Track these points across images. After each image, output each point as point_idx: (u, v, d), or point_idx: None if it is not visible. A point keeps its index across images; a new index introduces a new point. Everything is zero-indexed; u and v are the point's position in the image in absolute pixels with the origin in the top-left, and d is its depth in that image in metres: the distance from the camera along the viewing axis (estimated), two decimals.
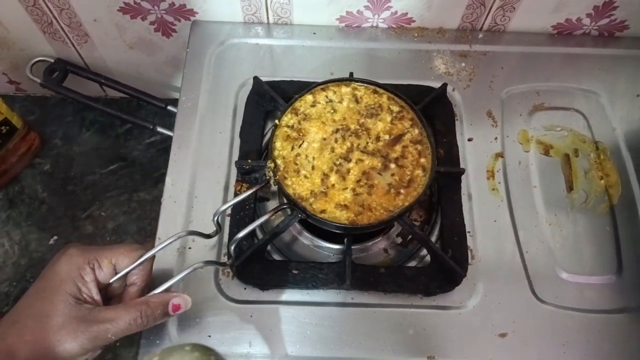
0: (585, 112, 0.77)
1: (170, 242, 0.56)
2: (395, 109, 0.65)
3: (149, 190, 0.96)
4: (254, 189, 0.61)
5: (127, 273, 0.55)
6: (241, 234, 0.58)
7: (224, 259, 0.64)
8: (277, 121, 0.64)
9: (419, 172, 0.61)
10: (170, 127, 0.85)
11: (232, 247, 0.58)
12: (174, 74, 0.97)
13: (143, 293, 0.56)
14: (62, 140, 1.00)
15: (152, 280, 0.59)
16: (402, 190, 0.60)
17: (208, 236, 0.60)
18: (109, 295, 0.56)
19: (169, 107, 0.90)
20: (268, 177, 0.61)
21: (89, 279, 0.52)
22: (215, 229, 0.60)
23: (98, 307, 0.52)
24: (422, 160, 0.62)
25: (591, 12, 0.79)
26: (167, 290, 0.56)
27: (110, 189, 0.96)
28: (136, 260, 0.55)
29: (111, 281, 0.55)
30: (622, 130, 0.76)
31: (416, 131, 0.63)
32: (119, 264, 0.55)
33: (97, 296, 0.53)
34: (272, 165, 0.60)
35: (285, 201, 0.61)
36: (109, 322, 0.50)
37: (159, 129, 0.89)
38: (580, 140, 0.75)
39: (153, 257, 0.57)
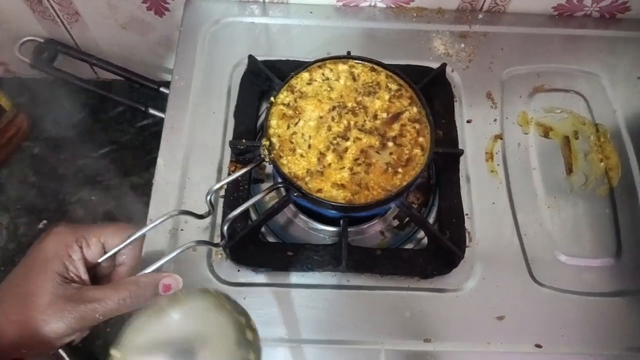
0: (586, 94, 0.75)
1: (162, 222, 0.55)
2: (394, 86, 0.63)
3: (141, 174, 0.94)
4: (248, 167, 0.60)
5: (116, 252, 0.54)
6: (234, 213, 0.57)
7: (217, 240, 0.63)
8: (272, 99, 0.62)
9: (417, 151, 0.60)
10: (163, 109, 0.83)
11: (225, 227, 0.57)
12: (167, 55, 0.95)
13: (132, 273, 0.54)
14: (52, 123, 0.98)
15: (143, 262, 0.58)
16: (400, 170, 0.58)
17: (200, 216, 0.58)
18: (98, 275, 0.55)
19: (162, 89, 0.88)
20: (263, 156, 0.59)
21: (76, 257, 0.51)
22: (207, 209, 0.58)
23: (86, 287, 0.50)
24: (421, 139, 0.61)
25: None
26: (157, 270, 0.54)
27: (101, 173, 0.94)
28: (126, 240, 0.53)
29: (99, 260, 0.53)
30: (623, 112, 0.74)
31: (415, 109, 0.62)
32: (108, 243, 0.53)
33: (84, 275, 0.51)
34: (267, 143, 0.59)
35: (280, 180, 0.59)
36: (96, 302, 0.48)
37: (152, 111, 0.87)
38: (580, 122, 0.73)
39: (143, 237, 0.55)
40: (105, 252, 0.53)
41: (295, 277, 0.62)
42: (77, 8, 0.84)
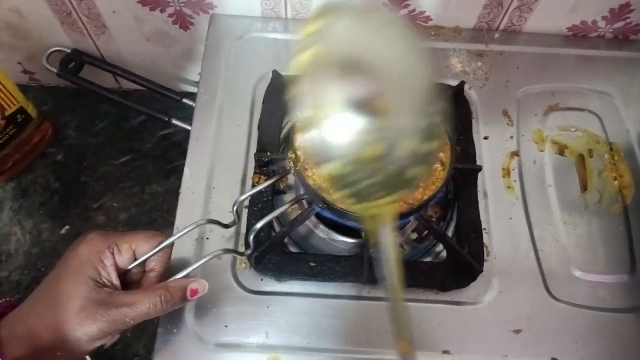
0: (600, 114, 0.77)
1: (190, 230, 0.57)
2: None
3: (161, 183, 0.96)
4: (274, 179, 0.62)
5: (146, 259, 0.56)
6: (260, 224, 0.59)
7: (242, 249, 0.65)
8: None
9: (437, 166, 0.61)
10: (185, 120, 0.86)
11: (252, 237, 0.59)
12: (190, 67, 0.98)
13: (162, 280, 0.57)
14: (75, 131, 1.00)
15: (171, 269, 0.60)
16: (420, 184, 0.60)
17: (226, 226, 0.61)
18: (129, 281, 0.57)
19: (184, 100, 0.90)
20: (289, 168, 0.61)
21: (109, 263, 0.53)
22: (233, 219, 0.60)
23: (117, 292, 0.52)
24: (441, 155, 0.62)
25: (607, 14, 0.80)
26: (185, 277, 0.57)
27: (122, 181, 0.96)
28: (156, 247, 0.56)
29: (130, 267, 0.55)
30: (636, 132, 0.76)
31: None
32: (139, 250, 0.56)
33: (116, 281, 0.53)
34: (294, 156, 0.61)
35: (304, 192, 0.61)
36: (128, 307, 0.50)
37: (175, 122, 0.90)
38: (594, 141, 0.75)
39: (172, 244, 0.58)
40: (136, 259, 0.56)
41: (317, 287, 0.64)
42: (105, 21, 0.87)
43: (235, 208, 0.60)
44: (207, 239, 0.66)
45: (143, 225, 0.92)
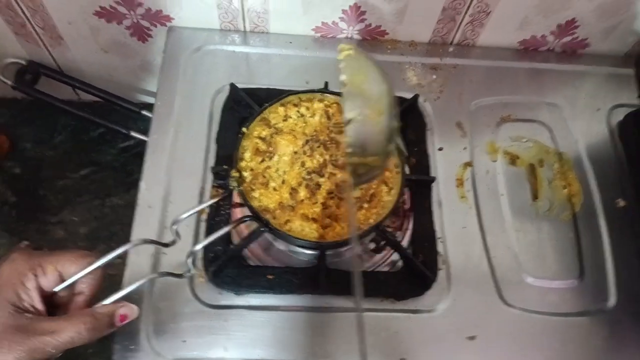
0: (550, 124, 0.80)
1: (122, 252, 0.52)
2: None
3: (121, 195, 0.95)
4: (212, 201, 0.62)
5: (74, 282, 0.51)
6: (198, 247, 0.56)
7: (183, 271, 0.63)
8: (244, 129, 0.64)
9: (382, 187, 0.63)
10: (144, 132, 0.85)
11: (191, 260, 0.56)
12: (149, 78, 0.97)
13: (92, 303, 0.52)
14: (33, 143, 0.98)
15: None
16: (365, 205, 0.61)
17: (166, 245, 0.57)
18: (55, 304, 0.52)
19: (143, 112, 0.90)
20: (232, 187, 0.61)
21: (30, 286, 0.48)
22: (173, 238, 0.57)
23: (39, 317, 0.47)
24: (387, 174, 0.63)
25: (555, 29, 0.83)
26: (117, 301, 0.52)
27: (82, 194, 0.95)
28: (84, 268, 0.51)
29: (56, 289, 0.50)
30: (584, 142, 0.79)
31: None
32: (65, 271, 0.50)
33: (39, 305, 0.48)
34: (237, 174, 0.61)
35: (248, 214, 0.61)
36: (49, 335, 0.45)
37: (133, 134, 0.89)
38: (544, 151, 0.78)
39: (103, 265, 0.52)
40: (63, 281, 0.51)
41: (275, 300, 0.64)
42: (60, 32, 0.86)
43: (174, 227, 0.56)
44: (165, 254, 0.65)
45: (103, 239, 0.91)
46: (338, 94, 0.68)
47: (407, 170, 0.73)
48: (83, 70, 0.95)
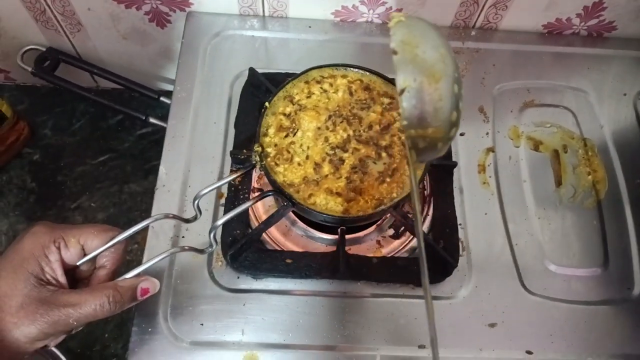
0: (574, 110, 0.78)
1: (145, 226, 0.53)
2: (386, 100, 0.65)
3: (139, 182, 0.95)
4: (237, 174, 0.61)
5: (96, 255, 0.51)
6: (220, 222, 0.56)
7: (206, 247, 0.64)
8: (267, 103, 0.63)
9: (405, 162, 0.61)
10: (163, 118, 0.85)
11: (212, 235, 0.56)
12: (167, 65, 0.97)
13: (113, 277, 0.53)
14: (52, 130, 0.99)
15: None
16: (387, 179, 0.60)
17: (187, 220, 0.58)
18: (77, 278, 0.53)
19: (162, 99, 0.90)
20: (254, 162, 0.60)
21: (53, 258, 0.48)
22: (195, 213, 0.57)
23: (62, 290, 0.48)
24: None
25: (581, 12, 0.81)
26: (136, 276, 0.53)
27: (100, 180, 0.95)
28: (107, 242, 0.51)
29: (79, 263, 0.51)
30: (610, 127, 0.77)
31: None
32: (88, 245, 0.51)
33: (62, 278, 0.49)
34: (259, 149, 0.60)
35: (271, 189, 0.61)
36: (71, 307, 0.46)
37: (152, 120, 0.89)
38: (569, 136, 0.76)
39: (125, 240, 0.53)
40: (85, 254, 0.51)
41: (293, 284, 0.64)
42: (79, 18, 0.86)
43: (195, 203, 0.57)
44: (183, 237, 0.65)
45: (121, 225, 0.90)
46: (361, 69, 0.66)
47: None
48: (102, 58, 0.95)
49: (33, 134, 0.98)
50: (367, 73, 0.66)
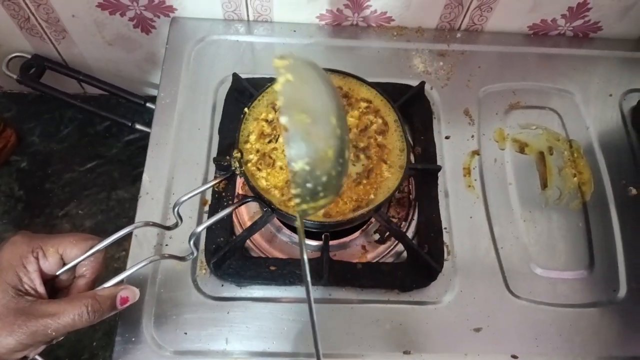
0: (560, 111, 0.78)
1: (125, 234, 0.52)
2: (364, 105, 0.64)
3: (127, 188, 0.95)
4: (215, 181, 0.60)
5: (75, 265, 0.51)
6: (199, 228, 0.56)
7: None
8: (246, 109, 0.63)
9: (381, 164, 0.61)
10: (149, 124, 0.84)
11: (192, 241, 0.55)
12: (153, 70, 0.97)
13: (92, 286, 0.52)
14: (40, 137, 0.99)
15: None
16: (364, 180, 0.59)
17: (168, 228, 0.57)
18: (57, 287, 0.52)
19: (148, 104, 0.89)
20: (234, 168, 0.59)
21: (31, 268, 0.48)
22: (175, 221, 0.57)
23: (40, 300, 0.48)
24: (386, 150, 0.61)
25: (566, 13, 0.81)
26: (118, 284, 0.52)
27: (88, 187, 0.95)
28: (86, 251, 0.51)
29: (58, 273, 0.51)
30: (595, 129, 0.77)
31: (380, 121, 0.63)
32: (67, 255, 0.51)
33: (40, 288, 0.48)
34: (239, 155, 0.59)
35: (251, 195, 0.60)
36: (50, 317, 0.46)
37: (138, 126, 0.89)
38: (554, 138, 0.76)
39: (105, 248, 0.52)
40: (64, 264, 0.51)
41: (278, 291, 0.63)
42: (64, 25, 0.85)
43: (175, 210, 0.56)
44: (166, 245, 0.65)
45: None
46: (340, 72, 0.66)
47: (412, 159, 0.72)
48: (88, 64, 0.95)
49: (20, 141, 0.97)
50: (348, 78, 0.65)
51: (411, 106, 0.74)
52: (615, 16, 0.82)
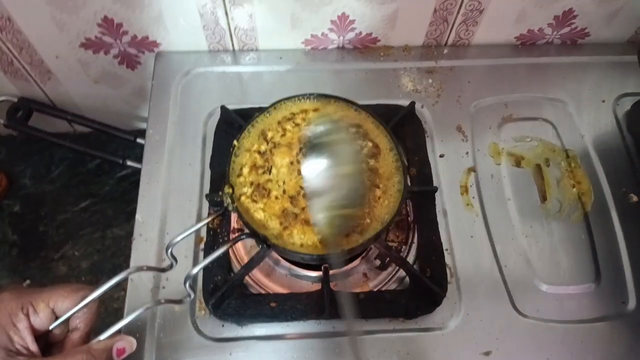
0: (554, 121, 0.77)
1: (116, 282, 0.51)
2: (353, 130, 0.63)
3: (122, 226, 0.94)
4: (207, 220, 0.59)
5: (68, 318, 0.49)
6: (194, 271, 0.54)
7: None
8: (235, 142, 0.62)
9: (374, 188, 0.60)
10: (140, 159, 0.84)
11: (187, 284, 0.54)
12: (143, 105, 0.96)
13: (87, 339, 0.51)
14: (31, 179, 0.98)
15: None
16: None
17: (162, 270, 0.56)
18: (51, 342, 0.51)
19: (138, 140, 0.88)
20: (226, 204, 0.58)
21: (22, 326, 0.47)
22: (170, 262, 0.55)
23: (33, 358, 0.46)
24: (378, 176, 0.60)
25: (552, 22, 0.80)
26: (113, 335, 0.50)
27: (83, 227, 0.94)
28: (78, 303, 0.49)
29: (50, 328, 0.49)
30: (590, 136, 0.76)
31: (370, 144, 0.62)
32: (59, 308, 0.49)
33: (32, 346, 0.47)
34: (230, 190, 0.58)
35: (246, 231, 0.59)
36: None
37: (129, 163, 0.88)
38: (550, 149, 0.75)
39: (99, 298, 0.50)
40: (56, 318, 0.50)
41: (280, 328, 0.62)
42: (49, 67, 0.85)
43: (169, 251, 0.55)
44: (163, 287, 0.64)
45: (106, 272, 0.89)
46: (328, 97, 0.65)
47: (408, 181, 0.71)
48: (76, 103, 0.94)
49: (11, 184, 0.96)
50: (338, 102, 0.65)
51: (403, 127, 0.73)
52: (602, 21, 0.81)
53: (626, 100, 0.79)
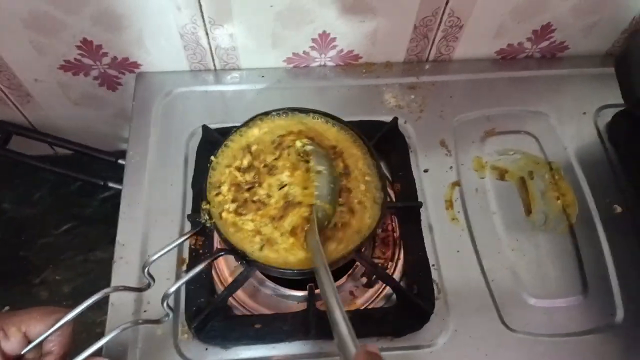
0: (536, 134, 0.78)
1: (91, 303, 0.50)
2: (331, 152, 0.63)
3: (105, 248, 0.92)
4: (184, 237, 0.58)
5: (41, 341, 0.48)
6: (172, 289, 0.53)
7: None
8: (213, 157, 0.61)
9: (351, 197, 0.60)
10: (122, 181, 0.82)
11: (165, 303, 0.53)
12: (124, 126, 0.95)
13: None
14: (12, 203, 0.96)
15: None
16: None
17: (139, 290, 0.55)
18: None
19: (119, 161, 0.87)
20: (204, 221, 0.57)
21: None
22: (147, 282, 0.54)
23: None
24: (356, 196, 0.60)
25: (531, 36, 0.81)
26: (89, 357, 0.49)
27: (64, 251, 0.92)
28: (52, 326, 0.48)
29: (23, 352, 0.48)
30: (573, 148, 0.77)
31: (340, 165, 0.62)
32: (31, 331, 0.48)
33: None
34: (208, 207, 0.58)
35: (225, 247, 0.58)
36: None
37: (111, 184, 0.86)
38: (533, 162, 0.75)
39: (72, 321, 0.49)
40: (29, 342, 0.48)
41: (265, 350, 0.61)
42: (28, 90, 0.84)
43: (146, 270, 0.54)
44: (145, 311, 0.62)
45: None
46: (304, 111, 0.66)
47: (392, 196, 0.71)
48: (56, 125, 0.93)
49: None
50: (315, 118, 0.65)
51: (387, 143, 0.73)
52: (580, 34, 0.82)
53: (607, 112, 0.80)
